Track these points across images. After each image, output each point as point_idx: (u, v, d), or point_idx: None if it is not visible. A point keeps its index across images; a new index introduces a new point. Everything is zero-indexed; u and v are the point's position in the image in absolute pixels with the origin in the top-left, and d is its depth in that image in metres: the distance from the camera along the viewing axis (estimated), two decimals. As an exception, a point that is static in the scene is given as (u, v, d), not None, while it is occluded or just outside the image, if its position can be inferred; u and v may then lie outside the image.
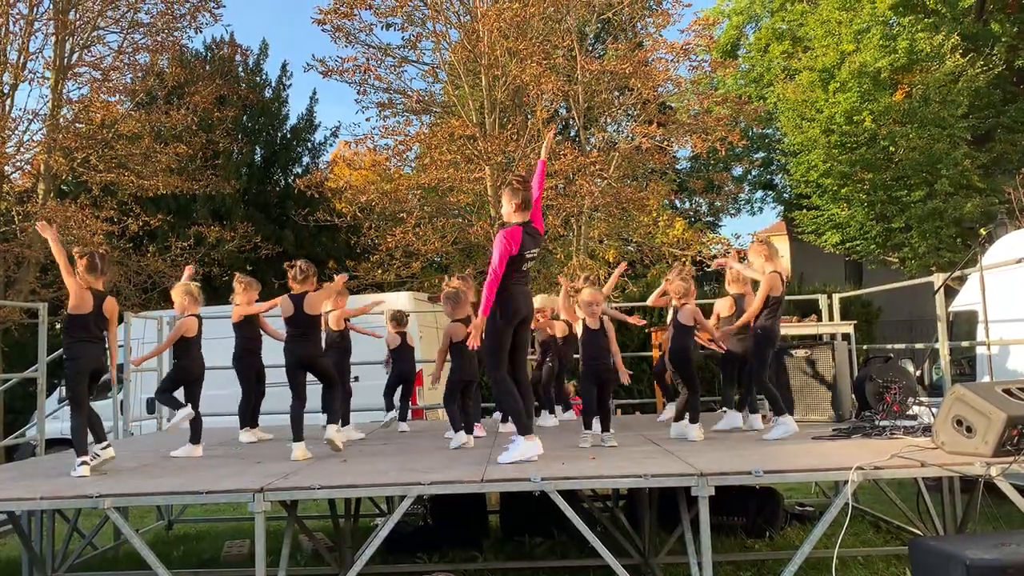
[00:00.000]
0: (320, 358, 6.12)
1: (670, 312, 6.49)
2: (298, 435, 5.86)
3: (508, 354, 5.32)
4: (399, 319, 7.59)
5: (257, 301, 7.26)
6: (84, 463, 5.36)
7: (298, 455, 5.74)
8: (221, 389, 9.06)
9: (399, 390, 7.66)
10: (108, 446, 5.57)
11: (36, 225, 5.56)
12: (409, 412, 7.97)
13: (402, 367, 7.55)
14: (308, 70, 15.50)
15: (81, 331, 5.52)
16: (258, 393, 7.29)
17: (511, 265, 5.15)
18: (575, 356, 8.06)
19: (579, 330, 6.19)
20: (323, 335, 6.59)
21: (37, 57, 14.27)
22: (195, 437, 6.43)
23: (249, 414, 7.25)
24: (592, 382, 5.97)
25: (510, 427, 7.19)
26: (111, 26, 15.23)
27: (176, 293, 6.73)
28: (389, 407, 7.60)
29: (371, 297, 10.52)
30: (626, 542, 6.06)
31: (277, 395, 9.05)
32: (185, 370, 6.56)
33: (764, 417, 6.87)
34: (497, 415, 7.67)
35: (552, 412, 7.79)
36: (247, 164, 21.20)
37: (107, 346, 5.70)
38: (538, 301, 7.91)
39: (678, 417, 6.25)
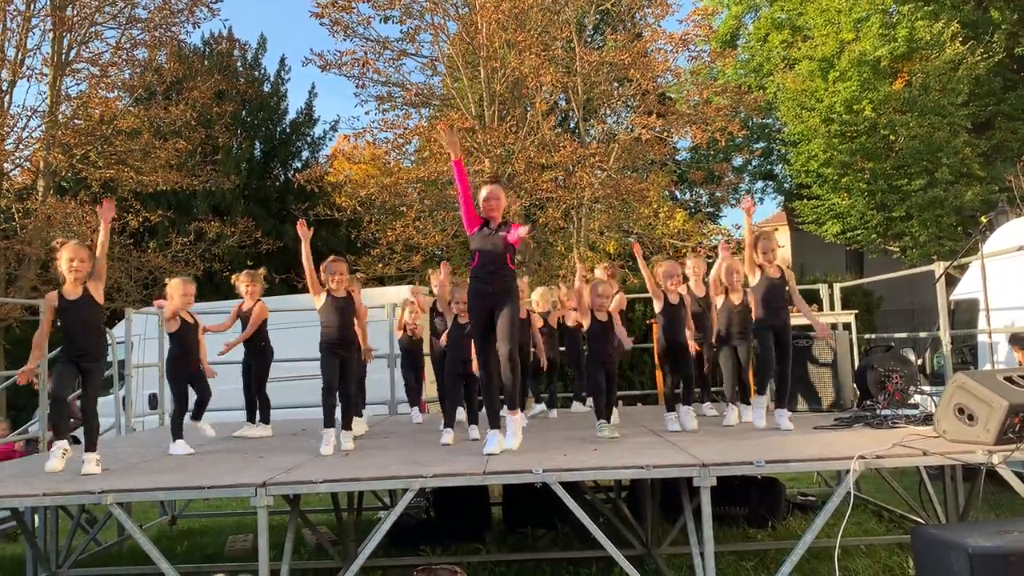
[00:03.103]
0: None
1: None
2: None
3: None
4: None
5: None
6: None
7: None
8: (223, 384, 9.07)
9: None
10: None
11: (101, 210, 5.40)
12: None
13: None
14: (306, 64, 15.46)
15: None
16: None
17: None
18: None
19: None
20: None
21: (35, 53, 14.29)
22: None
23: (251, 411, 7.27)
24: (600, 370, 5.99)
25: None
26: (109, 22, 15.22)
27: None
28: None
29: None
30: (628, 533, 6.07)
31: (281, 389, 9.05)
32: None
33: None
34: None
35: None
36: (246, 159, 21.20)
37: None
38: (537, 294, 7.93)
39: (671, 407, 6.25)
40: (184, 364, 6.51)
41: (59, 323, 5.40)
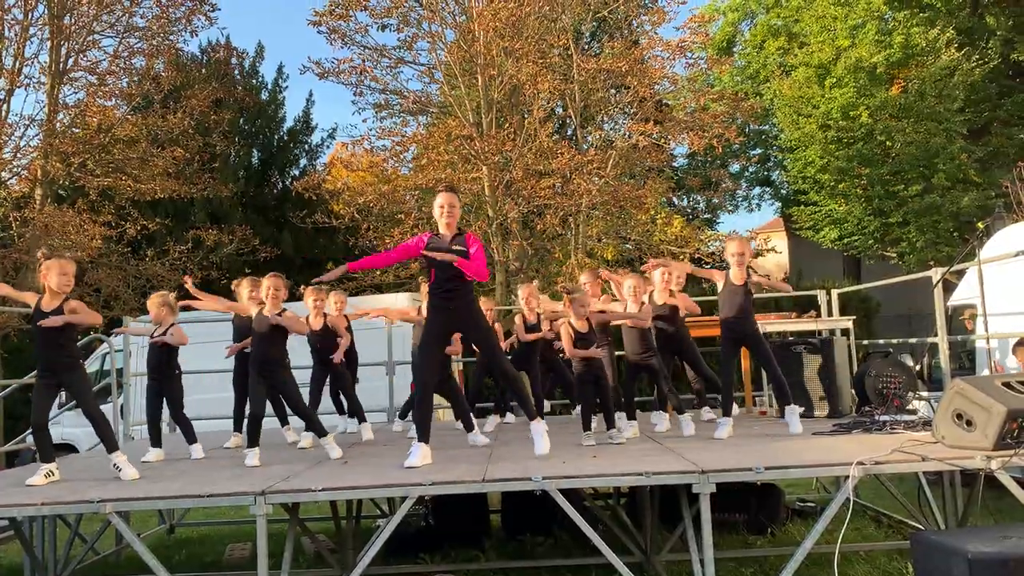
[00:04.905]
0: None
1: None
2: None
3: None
4: None
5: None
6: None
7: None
8: (218, 392, 9.06)
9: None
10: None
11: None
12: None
13: None
14: (304, 72, 15.51)
15: None
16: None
17: None
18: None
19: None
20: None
21: (33, 62, 14.29)
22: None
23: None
24: (589, 381, 5.98)
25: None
26: (106, 30, 15.24)
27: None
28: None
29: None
30: (628, 540, 6.07)
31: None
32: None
33: (763, 413, 6.90)
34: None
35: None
36: (244, 167, 21.20)
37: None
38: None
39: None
40: None
41: (30, 333, 5.37)
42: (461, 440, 6.43)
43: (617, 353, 7.08)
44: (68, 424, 11.80)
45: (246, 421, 6.00)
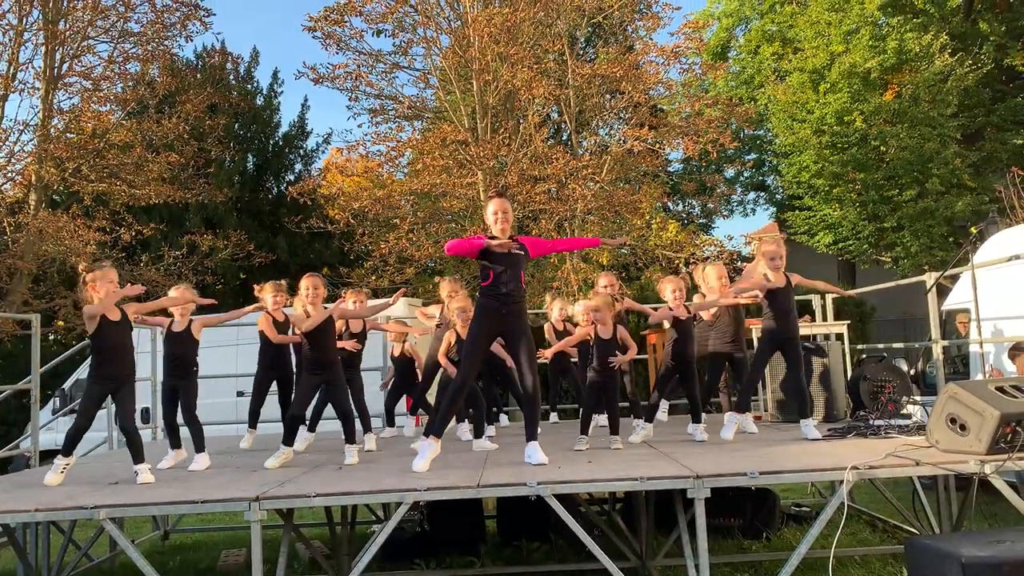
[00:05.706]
0: None
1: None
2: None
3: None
4: None
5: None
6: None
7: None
8: (216, 397, 9.04)
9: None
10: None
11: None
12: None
13: None
14: (299, 77, 15.52)
15: None
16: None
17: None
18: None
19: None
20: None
21: (27, 67, 14.29)
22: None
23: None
24: (596, 389, 5.99)
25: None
26: (101, 36, 15.25)
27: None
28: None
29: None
30: (623, 545, 6.07)
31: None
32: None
33: (759, 418, 6.92)
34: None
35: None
36: (239, 172, 21.18)
37: None
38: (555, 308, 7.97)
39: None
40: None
41: (93, 343, 5.39)
42: (457, 446, 6.43)
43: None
44: (62, 430, 11.74)
45: (287, 419, 6.02)
